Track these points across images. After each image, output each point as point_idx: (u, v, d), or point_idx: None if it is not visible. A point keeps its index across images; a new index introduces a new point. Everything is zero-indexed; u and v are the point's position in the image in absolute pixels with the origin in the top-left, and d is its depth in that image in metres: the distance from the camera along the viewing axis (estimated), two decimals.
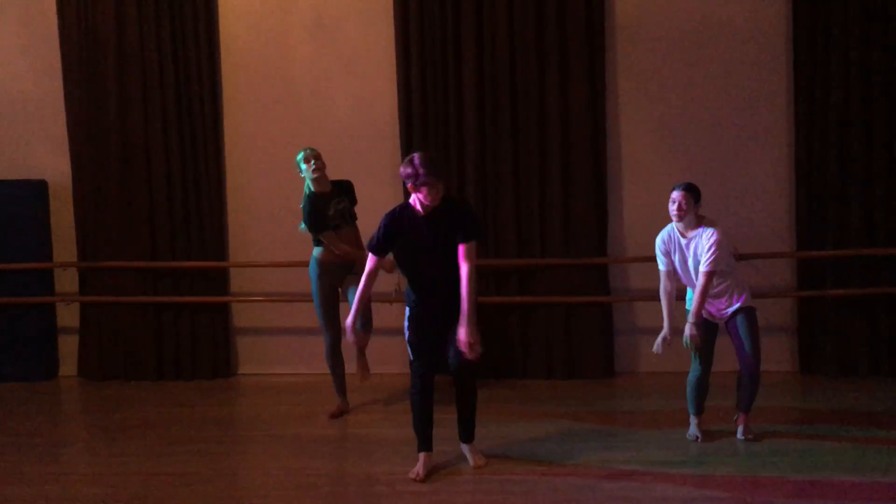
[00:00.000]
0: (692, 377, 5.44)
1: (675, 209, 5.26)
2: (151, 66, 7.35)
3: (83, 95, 7.43)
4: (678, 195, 5.27)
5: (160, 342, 7.52)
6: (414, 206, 4.90)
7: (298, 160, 6.08)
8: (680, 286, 5.46)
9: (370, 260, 4.98)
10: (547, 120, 7.09)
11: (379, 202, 6.17)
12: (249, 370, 7.65)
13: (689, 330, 5.23)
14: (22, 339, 7.54)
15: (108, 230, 7.47)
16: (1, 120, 7.67)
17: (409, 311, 5.08)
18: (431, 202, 4.82)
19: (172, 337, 7.51)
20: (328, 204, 6.03)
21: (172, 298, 7.43)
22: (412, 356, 5.06)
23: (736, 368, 5.48)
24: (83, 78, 7.42)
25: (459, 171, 7.19)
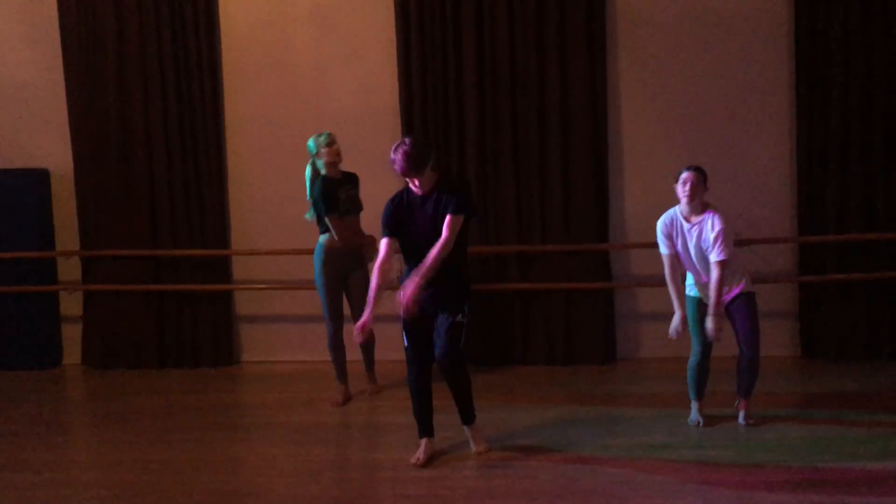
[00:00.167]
0: (692, 362, 5.45)
1: (687, 189, 5.21)
2: (152, 55, 7.33)
3: (84, 84, 7.43)
4: (690, 175, 5.23)
5: (163, 330, 7.55)
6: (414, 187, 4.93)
7: (320, 142, 6.08)
8: (681, 270, 5.46)
9: (383, 246, 4.97)
10: (547, 106, 7.08)
11: (380, 189, 6.16)
12: (252, 358, 7.67)
13: (711, 323, 5.18)
14: (25, 327, 7.56)
15: (110, 219, 7.48)
16: (2, 109, 7.67)
17: None
18: (417, 189, 4.86)
19: (175, 325, 7.53)
20: (339, 189, 6.08)
21: (175, 287, 7.45)
22: (406, 342, 5.05)
23: (736, 353, 5.49)
24: (84, 66, 7.42)
25: (460, 157, 7.18)
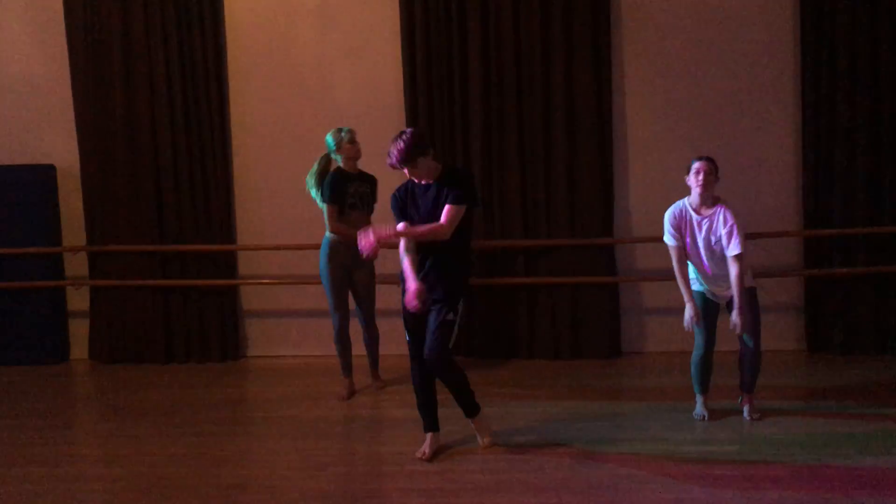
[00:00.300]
0: (696, 356, 5.43)
1: (700, 178, 5.17)
2: (157, 51, 7.36)
3: (90, 80, 7.46)
4: (703, 165, 5.20)
5: (169, 325, 7.58)
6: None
7: (342, 138, 6.10)
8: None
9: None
10: (553, 100, 7.08)
11: (385, 186, 6.18)
12: (258, 352, 7.70)
13: (737, 316, 5.16)
14: (32, 322, 7.61)
15: (116, 214, 7.51)
16: (9, 106, 7.70)
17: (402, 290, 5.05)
18: (415, 179, 4.84)
19: (181, 320, 7.56)
20: (351, 184, 6.12)
21: (181, 282, 7.49)
22: (407, 337, 5.02)
23: (738, 347, 5.47)
24: (89, 62, 7.44)
25: (465, 152, 7.19)
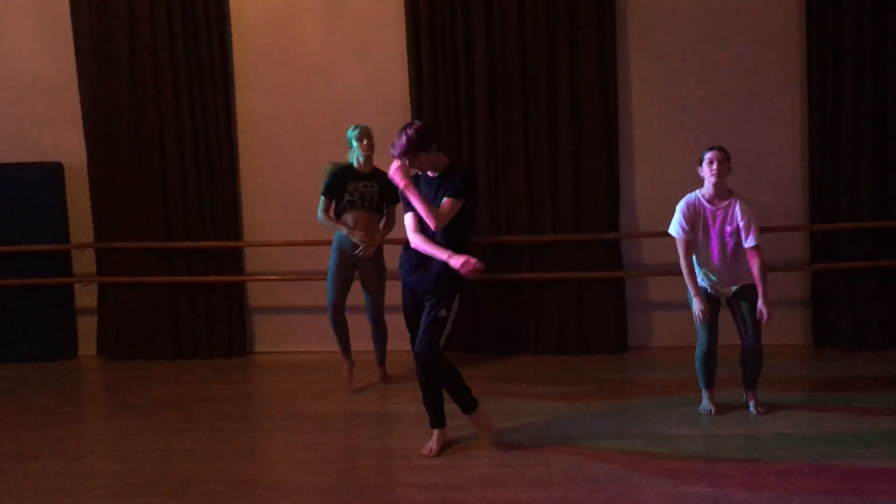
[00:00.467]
0: (699, 352, 5.42)
1: (714, 168, 5.15)
2: (163, 48, 7.36)
3: (96, 78, 7.47)
4: (715, 154, 5.18)
5: (177, 321, 7.60)
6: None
7: (354, 135, 6.15)
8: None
9: (409, 220, 4.86)
10: (558, 95, 7.07)
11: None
12: (265, 348, 7.72)
13: (763, 306, 5.15)
14: (41, 319, 7.63)
15: (123, 211, 7.53)
16: (16, 103, 7.72)
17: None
18: (419, 172, 4.83)
19: (189, 316, 7.58)
20: (355, 181, 6.13)
21: (188, 278, 7.51)
22: (409, 332, 5.00)
23: (739, 342, 5.44)
24: (96, 60, 7.45)
25: (471, 148, 7.19)
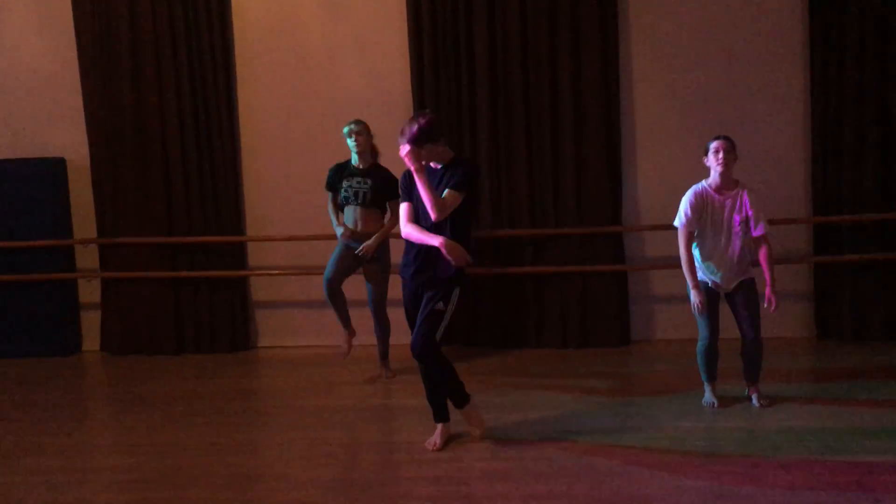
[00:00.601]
0: (701, 346, 5.41)
1: (721, 157, 5.13)
2: (165, 43, 7.36)
3: (98, 73, 7.47)
4: (722, 143, 5.16)
5: (180, 316, 7.61)
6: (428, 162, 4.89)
7: (344, 132, 6.25)
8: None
9: (403, 210, 4.89)
10: (560, 88, 7.06)
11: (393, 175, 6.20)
12: (268, 343, 7.73)
13: (772, 294, 5.13)
14: (44, 315, 7.65)
15: (126, 206, 7.54)
16: (19, 99, 7.73)
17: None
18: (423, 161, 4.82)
19: (192, 311, 7.59)
20: (349, 177, 6.19)
21: (191, 273, 7.51)
22: (409, 327, 5.00)
23: (738, 334, 5.44)
24: (98, 56, 7.45)
25: (472, 141, 7.18)
